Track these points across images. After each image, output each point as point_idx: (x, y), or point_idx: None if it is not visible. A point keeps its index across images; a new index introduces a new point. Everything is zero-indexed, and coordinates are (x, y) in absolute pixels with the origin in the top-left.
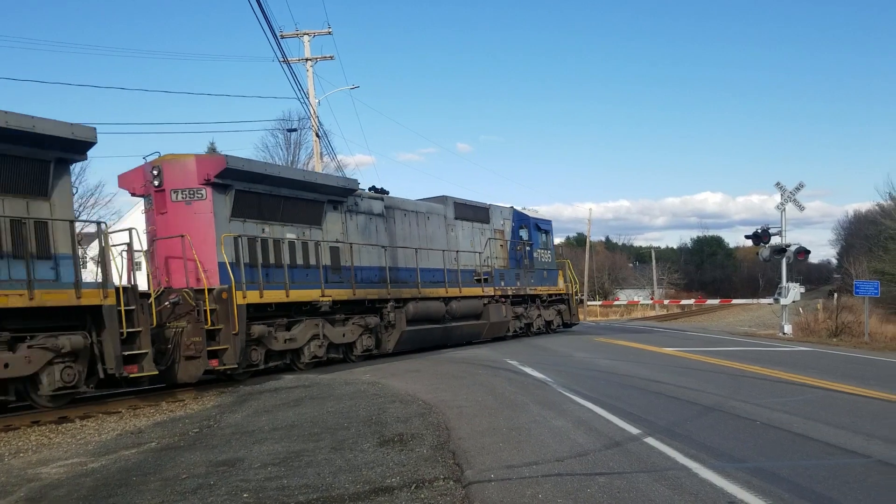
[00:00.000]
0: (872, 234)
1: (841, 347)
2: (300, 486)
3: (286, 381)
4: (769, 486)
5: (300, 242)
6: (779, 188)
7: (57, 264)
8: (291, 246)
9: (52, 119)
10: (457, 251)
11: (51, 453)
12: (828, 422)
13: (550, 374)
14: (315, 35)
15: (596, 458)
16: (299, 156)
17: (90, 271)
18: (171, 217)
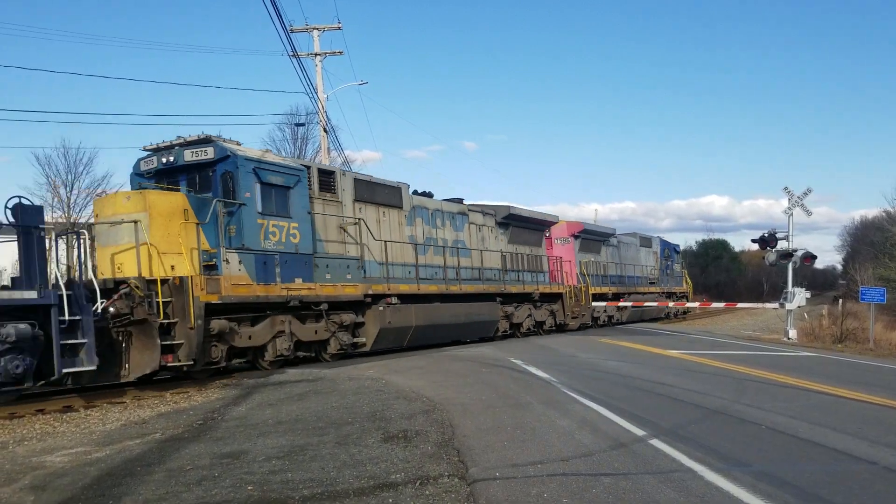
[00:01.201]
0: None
1: (846, 353)
2: (304, 479)
3: (290, 374)
4: (776, 490)
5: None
6: (787, 193)
7: None
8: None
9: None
10: (644, 265)
11: (55, 442)
12: (833, 427)
13: (554, 373)
14: (325, 30)
15: (601, 459)
16: (306, 150)
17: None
18: (556, 250)
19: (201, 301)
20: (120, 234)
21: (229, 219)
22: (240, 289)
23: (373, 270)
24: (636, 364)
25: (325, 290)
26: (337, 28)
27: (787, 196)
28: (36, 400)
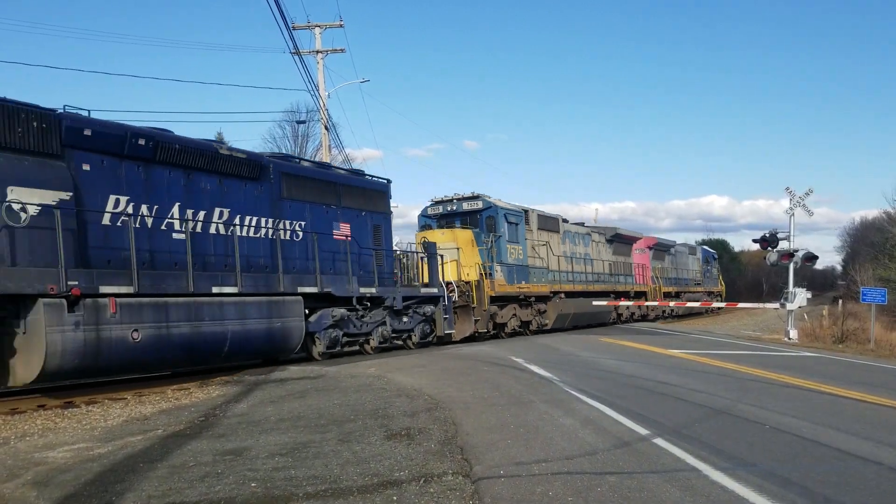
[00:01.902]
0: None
1: (847, 354)
2: (308, 476)
3: (291, 372)
4: (781, 490)
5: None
6: (788, 193)
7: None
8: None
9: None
10: (691, 269)
11: (57, 438)
12: (837, 427)
13: (556, 372)
14: (326, 27)
15: (605, 458)
16: (307, 148)
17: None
18: (638, 259)
19: (488, 294)
20: (445, 254)
21: (492, 245)
22: (502, 287)
23: (552, 276)
24: (637, 363)
25: (533, 289)
26: (339, 26)
27: (789, 196)
28: (37, 396)
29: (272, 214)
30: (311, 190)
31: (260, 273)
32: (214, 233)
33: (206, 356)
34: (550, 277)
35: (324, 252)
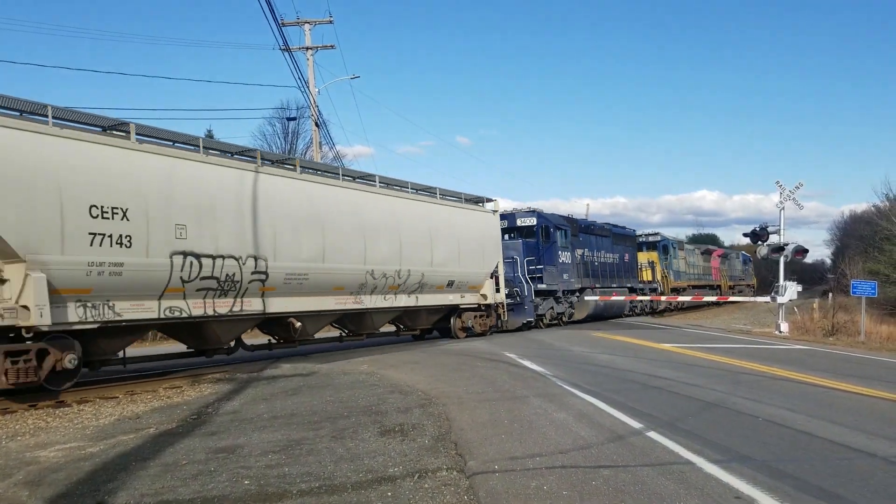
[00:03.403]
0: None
1: (837, 346)
2: (301, 473)
3: (283, 369)
4: (775, 482)
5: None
6: (778, 186)
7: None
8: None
9: None
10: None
11: (48, 437)
12: (830, 420)
13: (549, 367)
14: (316, 24)
15: (599, 452)
16: (297, 145)
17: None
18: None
19: (669, 286)
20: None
21: (666, 260)
22: (674, 283)
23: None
24: (630, 357)
25: (682, 283)
26: (328, 22)
27: (779, 190)
28: (28, 395)
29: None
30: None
31: (616, 277)
32: (604, 262)
33: (613, 314)
34: (683, 277)
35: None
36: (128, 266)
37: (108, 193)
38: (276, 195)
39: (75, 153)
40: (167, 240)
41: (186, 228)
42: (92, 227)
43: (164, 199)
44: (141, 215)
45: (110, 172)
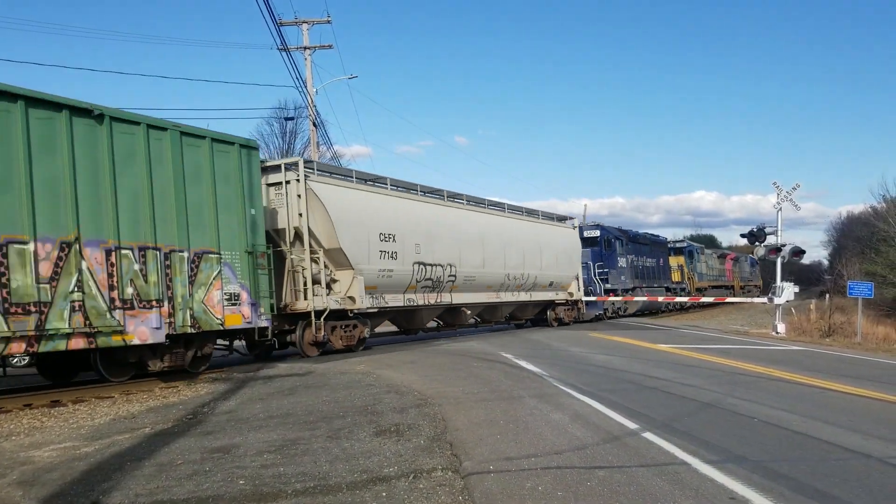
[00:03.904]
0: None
1: (834, 347)
2: (297, 473)
3: (280, 369)
4: (770, 482)
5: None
6: (776, 187)
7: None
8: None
9: None
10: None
11: (43, 437)
12: (826, 420)
13: (546, 367)
14: (314, 24)
15: (595, 452)
16: (294, 145)
17: None
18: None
19: (695, 286)
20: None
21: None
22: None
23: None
24: (627, 358)
25: (705, 283)
26: (326, 22)
27: (777, 191)
28: (23, 394)
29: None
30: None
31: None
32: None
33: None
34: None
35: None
36: (395, 272)
37: (387, 225)
38: (458, 222)
39: (369, 200)
40: (412, 253)
41: (420, 246)
42: (381, 247)
43: (410, 227)
44: (400, 238)
45: (385, 211)
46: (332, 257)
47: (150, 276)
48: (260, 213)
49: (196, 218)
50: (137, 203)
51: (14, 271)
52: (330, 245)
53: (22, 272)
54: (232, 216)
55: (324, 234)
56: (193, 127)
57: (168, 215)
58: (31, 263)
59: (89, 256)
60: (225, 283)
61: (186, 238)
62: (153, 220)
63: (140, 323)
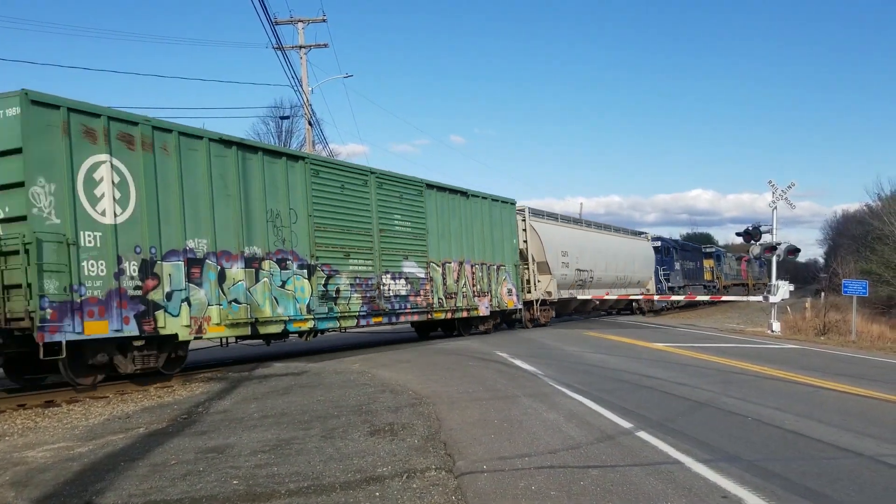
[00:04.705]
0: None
1: (828, 346)
2: (290, 473)
3: (275, 368)
4: (762, 481)
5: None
6: (771, 186)
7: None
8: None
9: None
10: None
11: (37, 437)
12: (819, 419)
13: (541, 367)
14: (309, 22)
15: (588, 451)
16: (290, 144)
17: None
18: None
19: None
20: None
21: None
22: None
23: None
24: (622, 357)
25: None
26: (322, 20)
27: (772, 190)
28: (17, 395)
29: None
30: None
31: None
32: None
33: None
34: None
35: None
36: (567, 275)
37: (564, 245)
38: (593, 240)
39: (557, 230)
40: (574, 263)
41: (578, 258)
42: (562, 259)
43: (573, 245)
44: (570, 253)
45: (563, 236)
46: (539, 267)
47: (484, 279)
48: (518, 242)
49: (497, 246)
50: (478, 241)
51: (447, 276)
52: (539, 259)
53: (448, 277)
54: (507, 244)
55: (536, 253)
56: (498, 195)
57: (487, 245)
58: (451, 273)
59: (467, 269)
60: (507, 283)
61: (492, 257)
62: (483, 249)
63: (482, 304)
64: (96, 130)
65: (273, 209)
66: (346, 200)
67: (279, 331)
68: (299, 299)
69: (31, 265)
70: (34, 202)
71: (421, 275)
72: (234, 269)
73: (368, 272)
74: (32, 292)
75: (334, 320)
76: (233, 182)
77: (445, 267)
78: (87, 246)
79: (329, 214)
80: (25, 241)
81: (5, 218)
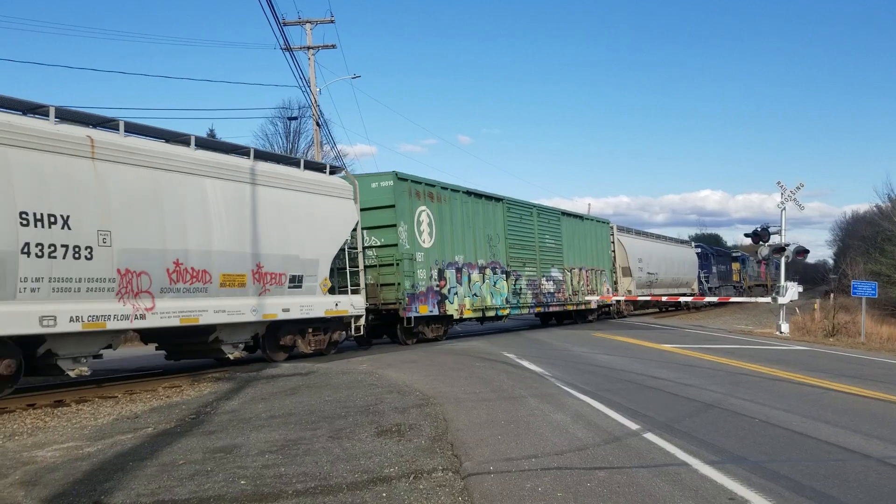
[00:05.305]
0: (869, 236)
1: (837, 347)
2: (298, 473)
3: (283, 368)
4: (769, 483)
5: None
6: (780, 187)
7: None
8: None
9: None
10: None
11: (46, 437)
12: (826, 420)
13: (548, 368)
14: (317, 23)
15: (595, 453)
16: (298, 144)
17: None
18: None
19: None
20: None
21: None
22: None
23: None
24: (629, 358)
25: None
26: (330, 21)
27: (781, 190)
28: (27, 394)
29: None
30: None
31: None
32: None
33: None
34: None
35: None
36: (642, 277)
37: (639, 252)
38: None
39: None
40: (647, 267)
41: (648, 263)
42: (639, 265)
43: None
44: (643, 258)
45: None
46: (622, 271)
47: (593, 280)
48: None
49: (599, 255)
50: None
51: (574, 279)
52: (622, 265)
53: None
54: (605, 254)
55: (621, 260)
56: (598, 217)
57: (593, 255)
58: (575, 276)
59: (584, 273)
60: (606, 283)
61: (597, 264)
62: (591, 258)
63: (592, 299)
64: (420, 192)
65: (488, 234)
66: (523, 227)
67: (493, 315)
68: (503, 294)
69: (398, 272)
70: (399, 236)
71: (560, 278)
72: (474, 274)
73: (534, 276)
74: (399, 288)
75: (518, 308)
76: (471, 218)
77: (572, 272)
78: (419, 261)
79: (515, 236)
80: (396, 258)
81: (382, 245)
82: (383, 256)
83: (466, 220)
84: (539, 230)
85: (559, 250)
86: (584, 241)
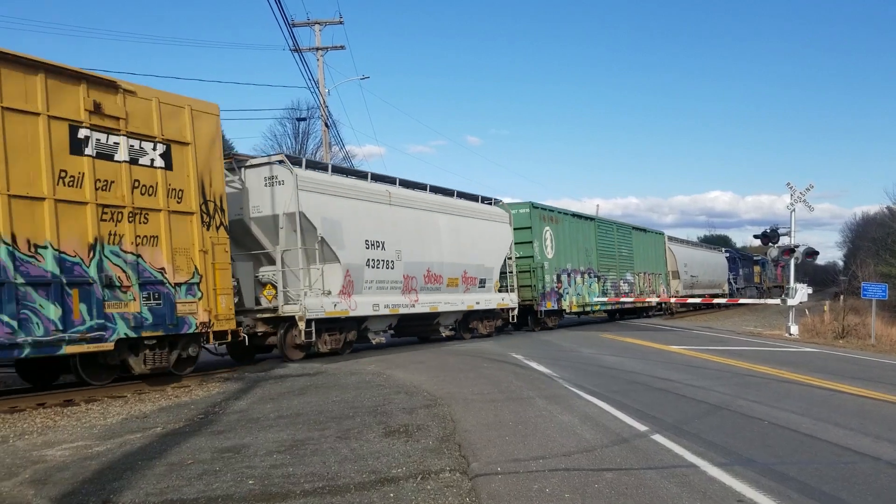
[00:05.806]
0: (880, 237)
1: (847, 349)
2: (306, 474)
3: (291, 368)
4: (778, 485)
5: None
6: (789, 188)
7: None
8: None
9: None
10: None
11: (56, 436)
12: (836, 423)
13: (556, 369)
14: (326, 24)
15: (603, 454)
16: (307, 145)
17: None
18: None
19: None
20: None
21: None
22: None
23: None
24: (638, 360)
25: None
26: (338, 22)
27: (790, 192)
28: (37, 394)
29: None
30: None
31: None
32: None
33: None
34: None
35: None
36: (686, 280)
37: (682, 259)
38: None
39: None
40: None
41: (691, 266)
42: (682, 269)
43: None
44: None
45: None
46: (672, 274)
47: (653, 282)
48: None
49: (656, 261)
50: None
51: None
52: (672, 269)
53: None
54: (660, 260)
55: (671, 264)
56: (655, 229)
57: (653, 261)
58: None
59: (644, 276)
60: (662, 285)
61: (655, 268)
62: (651, 263)
63: (651, 298)
64: (545, 216)
65: (586, 247)
66: (607, 239)
67: (589, 310)
68: (595, 294)
69: (533, 277)
70: (534, 250)
71: (632, 280)
72: (577, 278)
73: (615, 279)
74: (534, 289)
75: (604, 305)
76: (574, 234)
77: (640, 276)
78: (546, 268)
79: (602, 247)
80: (532, 267)
81: (521, 256)
82: (521, 265)
83: (572, 236)
84: (618, 242)
85: (631, 258)
86: (646, 250)
